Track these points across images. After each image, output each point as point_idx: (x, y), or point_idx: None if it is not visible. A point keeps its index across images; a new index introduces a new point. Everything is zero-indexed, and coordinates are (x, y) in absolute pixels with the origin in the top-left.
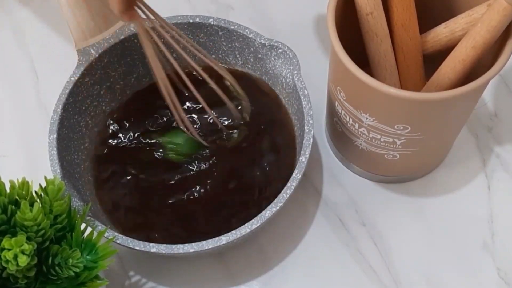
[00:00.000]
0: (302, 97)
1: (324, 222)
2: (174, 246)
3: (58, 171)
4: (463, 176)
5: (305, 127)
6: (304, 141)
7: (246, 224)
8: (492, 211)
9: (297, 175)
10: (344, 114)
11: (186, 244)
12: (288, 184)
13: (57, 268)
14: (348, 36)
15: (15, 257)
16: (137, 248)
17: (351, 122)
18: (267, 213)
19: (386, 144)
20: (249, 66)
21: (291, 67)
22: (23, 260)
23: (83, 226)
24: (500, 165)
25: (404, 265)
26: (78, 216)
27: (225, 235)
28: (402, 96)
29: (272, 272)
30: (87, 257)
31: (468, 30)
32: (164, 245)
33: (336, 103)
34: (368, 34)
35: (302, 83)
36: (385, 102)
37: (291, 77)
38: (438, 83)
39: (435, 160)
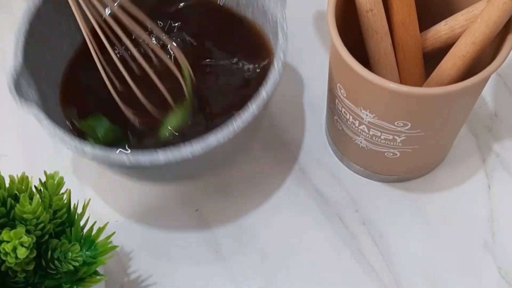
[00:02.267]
0: (279, 29)
1: (324, 221)
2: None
3: (20, 59)
4: (463, 176)
5: (275, 61)
6: (269, 74)
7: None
8: (493, 210)
9: (252, 106)
10: (344, 111)
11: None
12: (240, 112)
13: (56, 262)
14: (347, 34)
15: (14, 249)
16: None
17: (351, 119)
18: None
19: (386, 142)
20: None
21: (279, 3)
22: (22, 252)
23: (82, 222)
24: (500, 164)
25: (404, 264)
26: (78, 212)
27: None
28: (402, 91)
29: (272, 272)
30: (87, 252)
31: (468, 27)
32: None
33: (336, 101)
34: (368, 31)
35: (284, 17)
36: (385, 98)
37: (276, 14)
38: (438, 79)
39: (435, 159)
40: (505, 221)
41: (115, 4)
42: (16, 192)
